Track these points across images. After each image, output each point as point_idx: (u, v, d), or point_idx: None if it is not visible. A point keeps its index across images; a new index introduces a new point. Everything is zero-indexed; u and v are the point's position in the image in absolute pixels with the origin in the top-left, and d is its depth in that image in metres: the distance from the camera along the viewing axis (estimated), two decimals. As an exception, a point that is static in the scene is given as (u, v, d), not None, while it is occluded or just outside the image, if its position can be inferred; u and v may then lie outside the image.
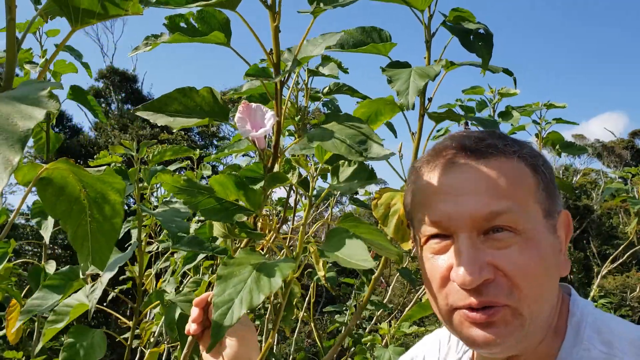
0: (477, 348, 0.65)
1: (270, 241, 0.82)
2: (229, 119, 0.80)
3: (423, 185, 0.69)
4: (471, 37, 1.07)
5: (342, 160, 0.84)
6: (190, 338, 0.88)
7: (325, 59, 1.41)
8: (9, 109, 0.42)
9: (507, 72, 1.17)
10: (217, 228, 0.82)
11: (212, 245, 1.10)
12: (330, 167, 0.82)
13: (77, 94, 1.91)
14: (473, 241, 0.62)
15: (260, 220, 0.82)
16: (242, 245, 0.87)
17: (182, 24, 0.79)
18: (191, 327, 0.85)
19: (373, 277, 1.21)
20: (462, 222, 0.63)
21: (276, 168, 0.81)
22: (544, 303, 0.64)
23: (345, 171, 0.82)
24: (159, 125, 0.77)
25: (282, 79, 0.77)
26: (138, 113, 0.75)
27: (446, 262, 0.65)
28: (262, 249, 0.83)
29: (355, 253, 0.72)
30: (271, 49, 0.77)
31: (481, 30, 1.08)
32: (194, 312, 0.85)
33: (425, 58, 1.12)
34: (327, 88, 1.39)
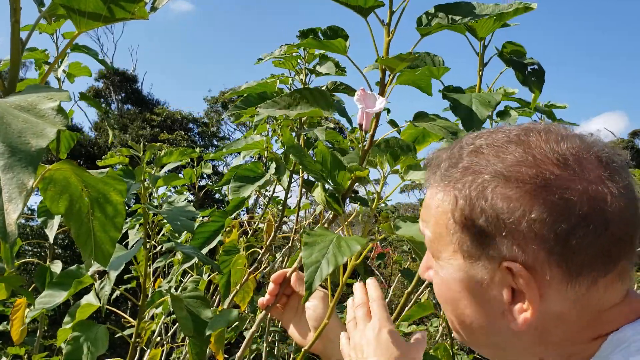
0: None
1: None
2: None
3: None
4: (526, 71, 1.18)
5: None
6: (261, 314, 0.96)
7: (323, 58, 1.41)
8: (20, 125, 0.41)
9: (551, 115, 1.31)
10: (318, 196, 0.94)
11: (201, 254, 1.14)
12: (399, 170, 0.94)
13: (87, 99, 1.94)
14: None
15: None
16: (321, 223, 0.98)
17: (311, 36, 1.04)
18: (265, 298, 0.93)
19: (406, 291, 1.32)
20: None
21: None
22: (481, 336, 0.59)
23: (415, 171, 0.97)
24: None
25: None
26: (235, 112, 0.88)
27: None
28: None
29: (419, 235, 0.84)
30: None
31: (534, 66, 1.18)
32: (271, 286, 0.94)
33: (476, 86, 1.27)
34: (324, 87, 1.40)
